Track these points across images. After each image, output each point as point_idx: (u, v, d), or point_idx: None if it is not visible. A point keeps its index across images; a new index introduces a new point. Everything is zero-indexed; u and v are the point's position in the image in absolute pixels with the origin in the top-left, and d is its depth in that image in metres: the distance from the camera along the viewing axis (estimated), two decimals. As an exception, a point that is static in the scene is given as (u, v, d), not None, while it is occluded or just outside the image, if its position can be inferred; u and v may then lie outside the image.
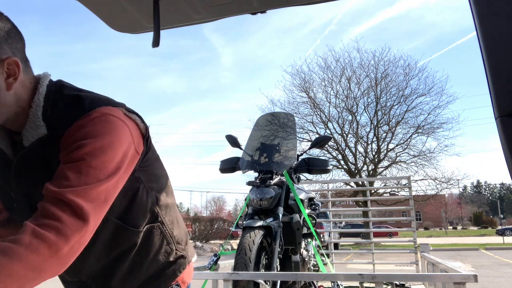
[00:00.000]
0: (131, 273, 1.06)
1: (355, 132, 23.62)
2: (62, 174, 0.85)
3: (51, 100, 0.95)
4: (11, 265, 0.72)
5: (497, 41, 0.67)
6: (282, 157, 3.39)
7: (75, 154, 0.86)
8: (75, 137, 0.88)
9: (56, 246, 0.77)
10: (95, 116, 0.91)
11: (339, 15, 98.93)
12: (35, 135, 0.92)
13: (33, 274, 0.74)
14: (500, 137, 0.67)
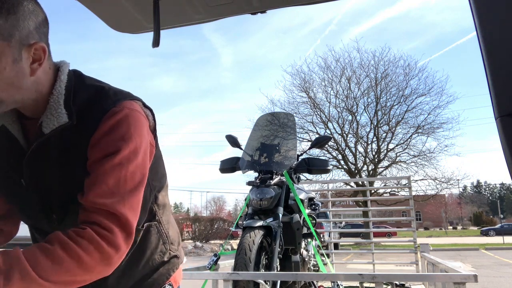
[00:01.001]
0: (127, 271, 1.05)
1: (355, 132, 23.63)
2: (104, 180, 0.87)
3: (72, 88, 0.95)
4: (69, 262, 0.79)
5: (497, 41, 0.67)
6: (282, 157, 3.39)
7: (113, 159, 0.88)
8: (111, 137, 0.90)
9: (108, 254, 0.84)
10: (126, 114, 0.92)
11: (339, 15, 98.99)
12: (56, 122, 0.91)
13: (83, 274, 0.82)
14: (500, 137, 0.67)
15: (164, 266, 1.13)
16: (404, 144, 22.85)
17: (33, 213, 0.98)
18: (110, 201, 0.86)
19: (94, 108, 0.92)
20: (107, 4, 1.69)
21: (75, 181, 0.91)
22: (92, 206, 0.86)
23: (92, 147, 0.90)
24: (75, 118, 0.91)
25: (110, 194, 0.87)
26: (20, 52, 0.85)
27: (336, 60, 23.80)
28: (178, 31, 2.41)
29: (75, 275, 0.81)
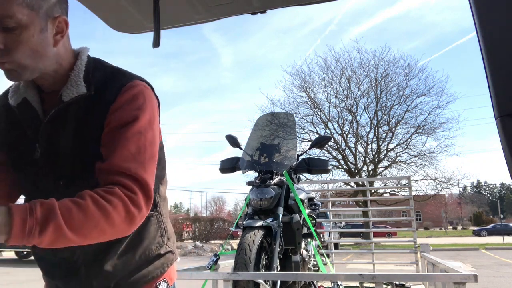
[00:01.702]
0: (122, 258, 1.05)
1: (355, 132, 23.63)
2: (125, 145, 0.94)
3: (91, 67, 1.03)
4: (99, 218, 0.84)
5: (497, 41, 0.67)
6: (282, 157, 3.39)
7: (133, 127, 0.96)
8: (130, 107, 0.97)
9: (132, 214, 0.89)
10: (141, 89, 1.01)
11: (340, 15, 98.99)
12: (75, 92, 0.97)
13: (109, 230, 0.87)
14: (500, 137, 0.67)
15: (159, 260, 1.12)
16: (404, 144, 22.87)
17: (40, 180, 1.00)
18: (133, 166, 0.93)
19: (111, 83, 1.00)
20: (107, 4, 1.69)
21: (88, 148, 0.96)
22: (116, 170, 0.91)
23: (111, 115, 0.96)
24: (93, 90, 0.98)
25: (133, 160, 0.93)
26: (46, 23, 0.93)
27: (336, 60, 23.83)
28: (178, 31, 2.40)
29: (101, 231, 0.86)
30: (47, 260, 1.08)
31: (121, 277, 1.06)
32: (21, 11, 0.88)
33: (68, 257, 1.04)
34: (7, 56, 0.89)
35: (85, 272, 1.03)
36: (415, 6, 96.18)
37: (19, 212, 0.78)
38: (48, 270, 1.10)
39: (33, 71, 0.94)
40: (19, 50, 0.90)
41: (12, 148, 1.03)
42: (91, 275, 1.03)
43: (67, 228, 0.80)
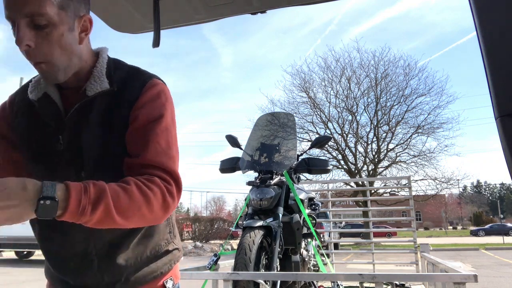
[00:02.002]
0: (134, 252, 1.07)
1: (355, 132, 23.62)
2: (156, 140, 1.00)
3: (112, 65, 1.08)
4: (142, 203, 0.89)
5: (497, 41, 0.67)
6: (282, 157, 3.39)
7: (161, 123, 1.02)
8: (155, 104, 1.03)
9: (168, 202, 0.95)
10: (163, 87, 1.07)
11: (340, 15, 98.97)
12: (99, 88, 1.02)
13: (149, 215, 0.92)
14: (500, 137, 0.67)
15: (167, 256, 1.14)
16: (404, 144, 22.86)
17: (62, 171, 1.02)
18: (165, 160, 0.99)
19: (132, 80, 1.05)
20: (107, 4, 1.69)
21: (111, 141, 1.00)
22: (150, 164, 0.97)
23: (137, 111, 1.01)
24: (116, 86, 1.03)
25: (164, 154, 0.99)
26: (73, 22, 0.96)
27: (336, 60, 23.83)
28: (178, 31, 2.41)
29: (142, 215, 0.91)
30: (60, 254, 1.08)
31: (131, 271, 1.07)
32: (52, 10, 0.90)
33: (82, 250, 1.04)
34: (39, 56, 0.92)
35: (97, 265, 1.04)
36: (415, 6, 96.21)
37: (75, 190, 0.81)
38: (59, 264, 1.09)
39: (66, 71, 0.98)
40: (50, 49, 0.92)
41: (32, 140, 1.05)
42: (103, 269, 1.04)
43: (114, 209, 0.85)
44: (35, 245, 12.37)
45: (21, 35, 0.88)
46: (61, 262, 1.08)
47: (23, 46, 0.89)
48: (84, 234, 1.02)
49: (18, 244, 12.62)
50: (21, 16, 0.88)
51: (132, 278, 1.08)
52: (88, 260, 1.04)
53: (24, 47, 0.89)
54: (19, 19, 0.88)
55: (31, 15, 0.88)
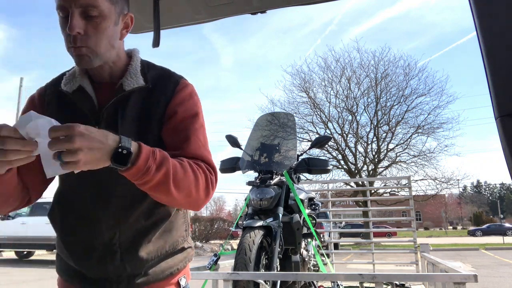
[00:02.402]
0: (156, 245, 1.09)
1: (355, 132, 23.62)
2: (196, 134, 1.09)
3: (145, 64, 1.15)
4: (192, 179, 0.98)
5: (497, 41, 0.67)
6: (282, 157, 3.39)
7: (197, 120, 1.11)
8: (191, 102, 1.12)
9: (209, 188, 1.03)
10: (193, 87, 1.16)
11: (340, 15, 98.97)
12: (135, 83, 1.08)
13: (195, 194, 1.00)
14: (500, 137, 0.67)
15: (182, 253, 1.17)
16: (404, 144, 22.86)
17: None
18: (205, 153, 1.08)
19: (165, 79, 1.12)
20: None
21: (145, 134, 1.06)
22: (193, 156, 1.05)
23: (174, 109, 1.08)
24: (150, 84, 1.10)
25: (204, 148, 1.08)
26: (119, 17, 1.05)
27: (336, 60, 23.81)
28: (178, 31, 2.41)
29: (189, 192, 0.98)
30: (84, 245, 1.08)
31: (151, 264, 1.09)
32: (103, 3, 0.98)
33: (108, 239, 1.06)
34: (85, 42, 0.98)
35: (120, 256, 1.06)
36: (415, 6, 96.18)
37: (145, 149, 0.89)
38: (82, 256, 1.09)
39: (101, 59, 1.03)
40: (97, 37, 0.99)
41: None
42: (125, 260, 1.06)
43: (172, 177, 0.92)
44: (35, 245, 12.35)
45: (75, 23, 0.95)
46: (84, 253, 1.08)
47: (74, 33, 0.96)
48: (113, 221, 1.05)
49: (18, 244, 12.61)
50: (76, 7, 0.96)
51: (151, 272, 1.09)
52: (112, 251, 1.06)
53: (75, 33, 0.96)
54: (74, 8, 0.96)
55: (86, 6, 0.96)
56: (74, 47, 0.98)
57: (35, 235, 11.96)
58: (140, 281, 1.08)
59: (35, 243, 12.19)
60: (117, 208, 1.06)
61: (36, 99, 1.15)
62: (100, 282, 1.08)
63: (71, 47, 0.99)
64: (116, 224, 1.06)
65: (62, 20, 0.99)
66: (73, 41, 0.98)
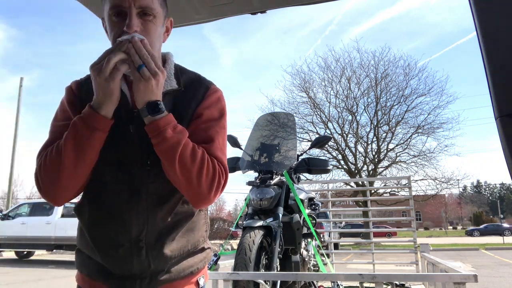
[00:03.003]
0: (179, 243, 1.13)
1: (355, 132, 23.62)
2: (216, 136, 1.14)
3: (178, 68, 1.22)
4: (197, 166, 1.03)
5: (497, 41, 0.67)
6: (282, 157, 3.39)
7: (220, 122, 1.17)
8: (218, 106, 1.19)
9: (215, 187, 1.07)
10: (221, 93, 1.23)
11: (340, 15, 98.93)
12: (169, 86, 1.15)
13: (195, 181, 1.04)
14: (500, 137, 0.67)
15: (202, 253, 1.20)
16: (404, 144, 22.85)
17: (130, 157, 1.10)
18: (220, 156, 1.12)
19: (197, 84, 1.20)
20: (107, 4, 1.68)
21: None
22: (211, 153, 1.10)
23: (202, 111, 1.15)
24: (183, 87, 1.17)
25: (220, 151, 1.14)
26: (164, 21, 1.14)
27: (336, 60, 23.81)
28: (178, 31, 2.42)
29: (190, 178, 1.03)
30: (111, 240, 1.10)
31: (174, 262, 1.13)
32: (157, 6, 1.09)
33: (136, 236, 1.09)
34: None
35: (146, 253, 1.09)
36: (415, 6, 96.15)
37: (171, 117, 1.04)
38: (108, 251, 1.11)
39: None
40: (148, 35, 1.06)
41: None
42: (150, 257, 1.09)
43: (179, 151, 1.01)
44: (35, 245, 12.35)
45: (133, 22, 1.04)
46: (111, 248, 1.10)
47: (132, 31, 1.04)
48: (142, 218, 1.08)
49: (18, 244, 12.61)
50: (136, 7, 1.05)
51: (173, 270, 1.13)
52: (138, 247, 1.08)
53: (131, 32, 1.04)
54: (132, 8, 1.05)
55: (145, 7, 1.06)
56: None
57: (35, 235, 11.97)
58: (162, 278, 1.11)
59: (35, 243, 12.19)
60: (148, 206, 1.09)
61: (74, 89, 1.19)
62: (124, 278, 1.10)
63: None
64: (145, 221, 1.09)
65: (114, 21, 1.07)
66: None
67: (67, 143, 1.03)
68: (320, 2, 1.65)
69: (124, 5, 1.05)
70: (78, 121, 1.03)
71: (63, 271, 10.25)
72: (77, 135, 1.02)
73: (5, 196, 28.40)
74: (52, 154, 1.04)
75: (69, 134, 1.03)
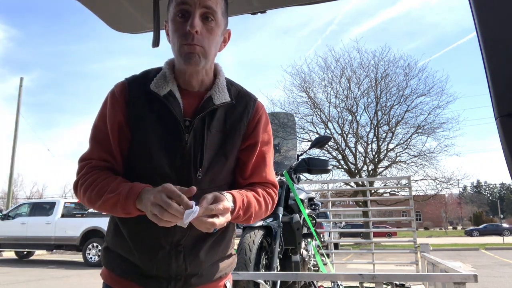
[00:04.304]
0: (212, 249, 1.18)
1: (355, 132, 23.61)
2: (269, 163, 1.25)
3: (228, 80, 1.24)
4: (264, 210, 1.20)
5: (497, 41, 0.67)
6: (282, 157, 3.39)
7: (270, 146, 1.26)
8: (268, 127, 1.26)
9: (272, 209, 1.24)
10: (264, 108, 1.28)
11: (340, 15, 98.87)
12: (223, 98, 1.16)
13: (264, 216, 1.22)
14: (500, 137, 0.67)
15: (229, 259, 1.26)
16: (404, 144, 22.82)
17: (182, 166, 1.13)
18: (272, 178, 1.26)
19: (245, 97, 1.23)
20: (107, 4, 1.69)
21: (226, 146, 1.16)
22: (265, 181, 1.23)
23: (254, 131, 1.21)
24: (234, 100, 1.19)
25: (272, 173, 1.26)
26: (223, 30, 1.18)
27: (336, 60, 23.79)
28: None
29: (261, 216, 1.20)
30: (154, 243, 1.13)
31: (207, 266, 1.18)
32: (220, 12, 1.13)
33: (176, 240, 1.13)
34: (200, 41, 1.09)
35: (183, 257, 1.13)
36: (416, 6, 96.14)
37: (239, 203, 1.09)
38: (149, 254, 1.14)
39: (207, 62, 1.13)
40: (209, 40, 1.10)
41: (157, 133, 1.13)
42: (187, 260, 1.14)
43: (253, 216, 1.14)
44: (35, 245, 12.34)
45: (196, 22, 1.07)
46: (152, 251, 1.13)
47: (194, 30, 1.07)
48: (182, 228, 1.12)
49: (18, 244, 12.61)
50: (199, 8, 1.08)
51: (205, 274, 1.18)
52: (177, 251, 1.13)
53: (194, 31, 1.07)
54: (196, 9, 1.08)
55: (209, 8, 1.09)
56: (189, 44, 1.08)
57: (35, 235, 11.96)
58: (195, 281, 1.16)
59: (35, 243, 12.18)
60: None
61: (118, 95, 1.17)
62: (159, 279, 1.13)
63: (186, 44, 1.08)
64: (188, 227, 1.09)
65: (178, 21, 1.10)
66: (190, 38, 1.07)
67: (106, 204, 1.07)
68: (320, 2, 1.65)
69: (190, 2, 1.08)
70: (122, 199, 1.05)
71: (63, 271, 10.25)
72: (115, 207, 1.06)
73: (5, 196, 28.42)
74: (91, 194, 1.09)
75: (112, 200, 1.06)
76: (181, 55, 1.09)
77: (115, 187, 1.06)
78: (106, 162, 1.15)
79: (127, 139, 1.15)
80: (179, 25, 1.09)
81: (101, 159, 1.15)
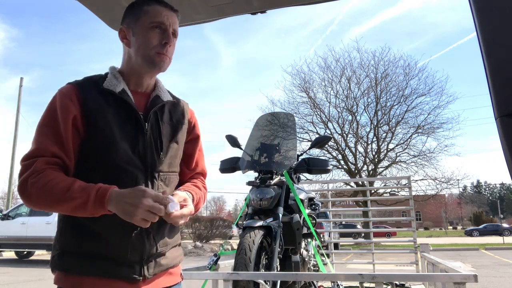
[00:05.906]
0: (172, 231, 1.35)
1: (355, 132, 23.60)
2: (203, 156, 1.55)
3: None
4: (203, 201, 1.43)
5: (497, 41, 0.67)
6: (282, 157, 3.39)
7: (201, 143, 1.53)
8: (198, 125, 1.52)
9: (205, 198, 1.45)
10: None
11: (341, 15, 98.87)
12: (167, 97, 1.40)
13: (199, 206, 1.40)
14: (500, 137, 0.67)
15: (180, 247, 1.43)
16: (404, 144, 22.82)
17: (147, 150, 1.29)
18: (206, 168, 1.56)
19: (180, 100, 1.47)
20: (107, 4, 1.69)
21: (178, 137, 1.38)
22: (201, 171, 1.52)
23: (191, 127, 1.46)
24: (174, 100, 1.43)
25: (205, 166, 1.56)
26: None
27: (336, 60, 23.79)
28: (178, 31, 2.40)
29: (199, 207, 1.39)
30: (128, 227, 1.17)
31: (170, 248, 1.33)
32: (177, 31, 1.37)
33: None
34: (170, 52, 1.34)
35: (153, 236, 1.26)
36: (416, 6, 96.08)
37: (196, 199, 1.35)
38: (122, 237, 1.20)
39: (166, 68, 1.35)
40: (172, 51, 1.36)
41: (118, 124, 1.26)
42: (156, 238, 1.27)
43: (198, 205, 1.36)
44: (35, 245, 12.34)
45: (171, 37, 1.32)
46: (127, 235, 1.21)
47: (169, 43, 1.31)
48: None
49: (18, 244, 12.61)
50: (172, 27, 1.33)
51: (169, 256, 1.32)
52: (147, 231, 1.23)
53: (169, 44, 1.31)
54: (170, 28, 1.32)
55: (175, 29, 1.35)
56: (164, 53, 1.30)
57: (35, 235, 11.95)
58: (163, 263, 1.29)
59: (35, 243, 12.18)
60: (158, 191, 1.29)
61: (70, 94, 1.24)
62: (131, 264, 1.21)
63: (161, 53, 1.30)
64: None
65: (155, 31, 1.30)
66: (165, 49, 1.31)
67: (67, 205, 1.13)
68: (320, 2, 1.65)
69: (166, 23, 1.31)
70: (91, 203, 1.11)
71: (63, 271, 10.22)
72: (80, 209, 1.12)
73: (5, 196, 28.39)
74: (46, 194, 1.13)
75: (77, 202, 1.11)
76: (149, 60, 1.30)
77: (78, 188, 1.12)
78: (57, 158, 1.18)
79: (80, 135, 1.23)
80: (157, 35, 1.30)
81: (51, 155, 1.18)
